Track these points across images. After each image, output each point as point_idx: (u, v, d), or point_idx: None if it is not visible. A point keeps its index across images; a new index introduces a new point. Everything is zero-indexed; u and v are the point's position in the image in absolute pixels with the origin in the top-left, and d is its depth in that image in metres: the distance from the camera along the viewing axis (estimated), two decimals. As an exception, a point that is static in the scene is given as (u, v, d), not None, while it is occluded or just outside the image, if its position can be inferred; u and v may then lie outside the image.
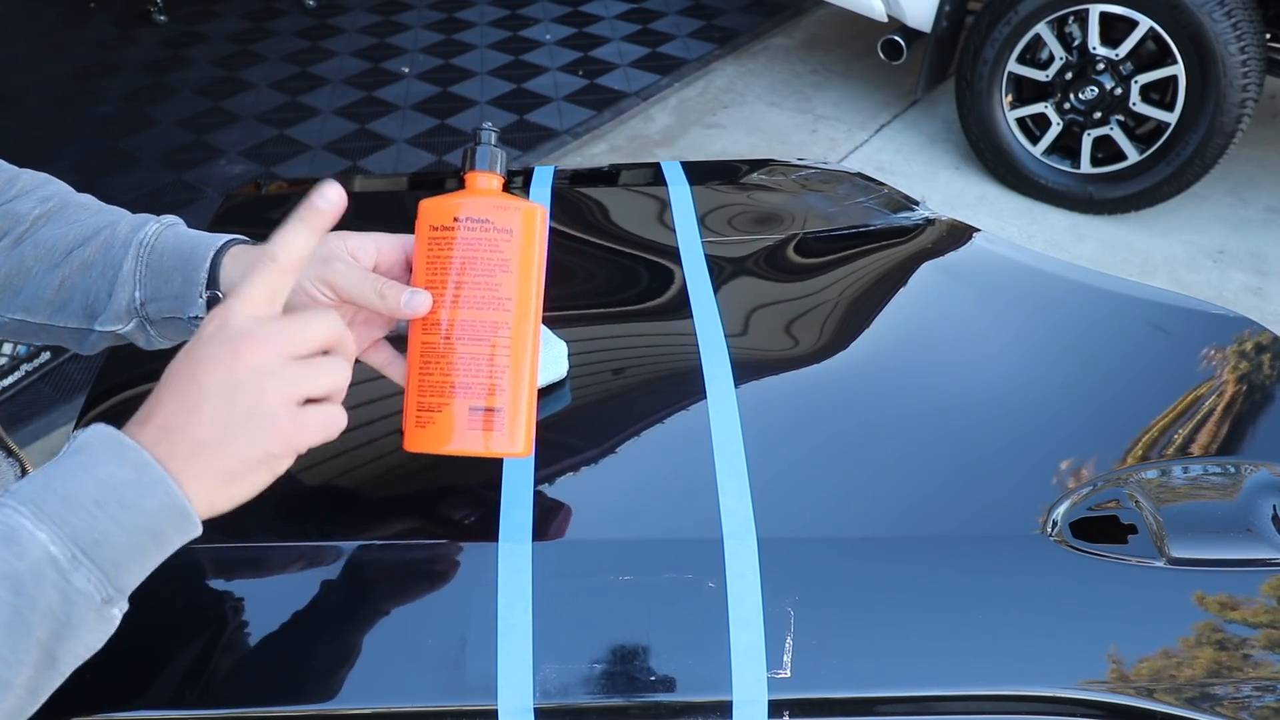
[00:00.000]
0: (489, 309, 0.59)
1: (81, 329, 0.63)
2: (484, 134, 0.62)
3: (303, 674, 0.63)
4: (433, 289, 0.59)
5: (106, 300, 0.62)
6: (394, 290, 0.58)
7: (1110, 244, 2.80)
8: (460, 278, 0.59)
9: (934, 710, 0.64)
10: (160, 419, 0.48)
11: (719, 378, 0.81)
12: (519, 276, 0.60)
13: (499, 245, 0.59)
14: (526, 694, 0.61)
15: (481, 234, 0.59)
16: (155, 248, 0.63)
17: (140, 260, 0.62)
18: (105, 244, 0.63)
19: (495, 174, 0.62)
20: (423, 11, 4.33)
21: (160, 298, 0.62)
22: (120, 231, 0.63)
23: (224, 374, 0.48)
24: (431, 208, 0.60)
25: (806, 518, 0.71)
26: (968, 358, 0.89)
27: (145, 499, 0.46)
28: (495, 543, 0.67)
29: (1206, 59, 2.51)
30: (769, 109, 3.53)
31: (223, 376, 0.48)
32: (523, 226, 0.60)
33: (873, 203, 1.12)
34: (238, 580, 0.68)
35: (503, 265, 0.59)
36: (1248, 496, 0.74)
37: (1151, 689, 0.63)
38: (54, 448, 2.17)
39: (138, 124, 3.41)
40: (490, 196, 0.61)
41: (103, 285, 0.62)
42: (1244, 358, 0.91)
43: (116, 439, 0.47)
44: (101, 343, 0.65)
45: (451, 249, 0.59)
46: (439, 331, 0.59)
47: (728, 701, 0.61)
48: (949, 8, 2.88)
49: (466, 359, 0.59)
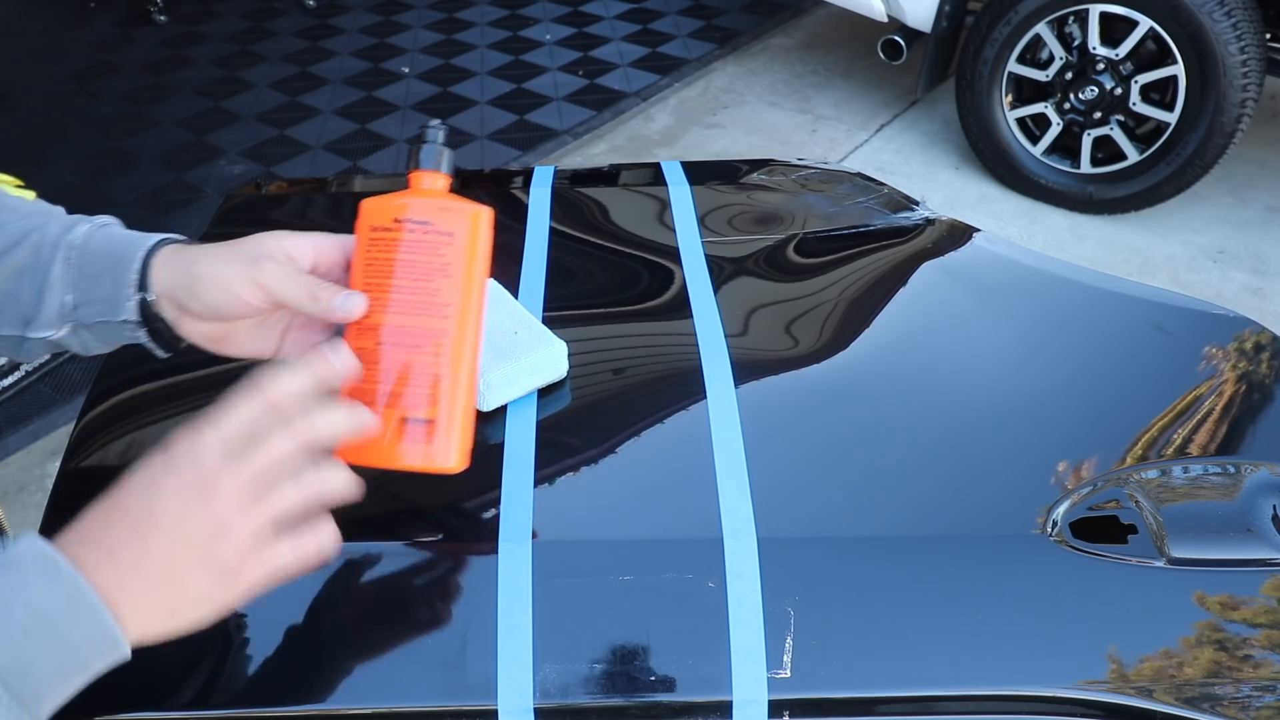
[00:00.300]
0: (428, 315, 0.56)
1: (16, 336, 0.60)
2: (430, 131, 0.59)
3: (303, 674, 0.63)
4: (370, 293, 0.56)
5: (38, 305, 0.59)
6: (327, 292, 0.55)
7: (1110, 244, 2.80)
8: (398, 282, 0.56)
9: (934, 710, 0.64)
10: (107, 544, 0.46)
11: (719, 378, 0.81)
12: (461, 283, 0.57)
13: (440, 249, 0.56)
14: (526, 694, 0.61)
15: (422, 237, 0.56)
16: (86, 249, 0.60)
17: (70, 263, 0.59)
18: (35, 247, 0.59)
19: (441, 173, 0.59)
20: (423, 11, 4.33)
21: (91, 301, 0.59)
22: (50, 233, 0.60)
23: (188, 513, 0.46)
24: (372, 208, 0.58)
25: (806, 518, 0.71)
26: (968, 357, 0.89)
27: (76, 629, 0.43)
28: (495, 543, 0.67)
29: (1206, 59, 2.51)
30: (769, 109, 3.53)
31: (186, 516, 0.46)
32: (467, 230, 0.57)
33: (873, 203, 1.12)
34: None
35: (443, 270, 0.56)
36: (1248, 496, 0.74)
37: (1151, 689, 0.63)
38: (54, 448, 2.17)
39: (138, 124, 3.41)
40: (433, 198, 0.58)
41: (33, 290, 0.59)
42: (1244, 358, 0.91)
43: (52, 560, 0.44)
44: (39, 350, 0.62)
45: (390, 252, 0.56)
46: (375, 338, 0.56)
47: (728, 701, 0.61)
48: (949, 8, 2.88)
49: (402, 368, 0.56)
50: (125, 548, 0.45)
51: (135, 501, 0.47)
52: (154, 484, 0.47)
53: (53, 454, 2.16)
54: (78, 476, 0.76)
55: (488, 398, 0.76)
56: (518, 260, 0.97)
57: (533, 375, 0.78)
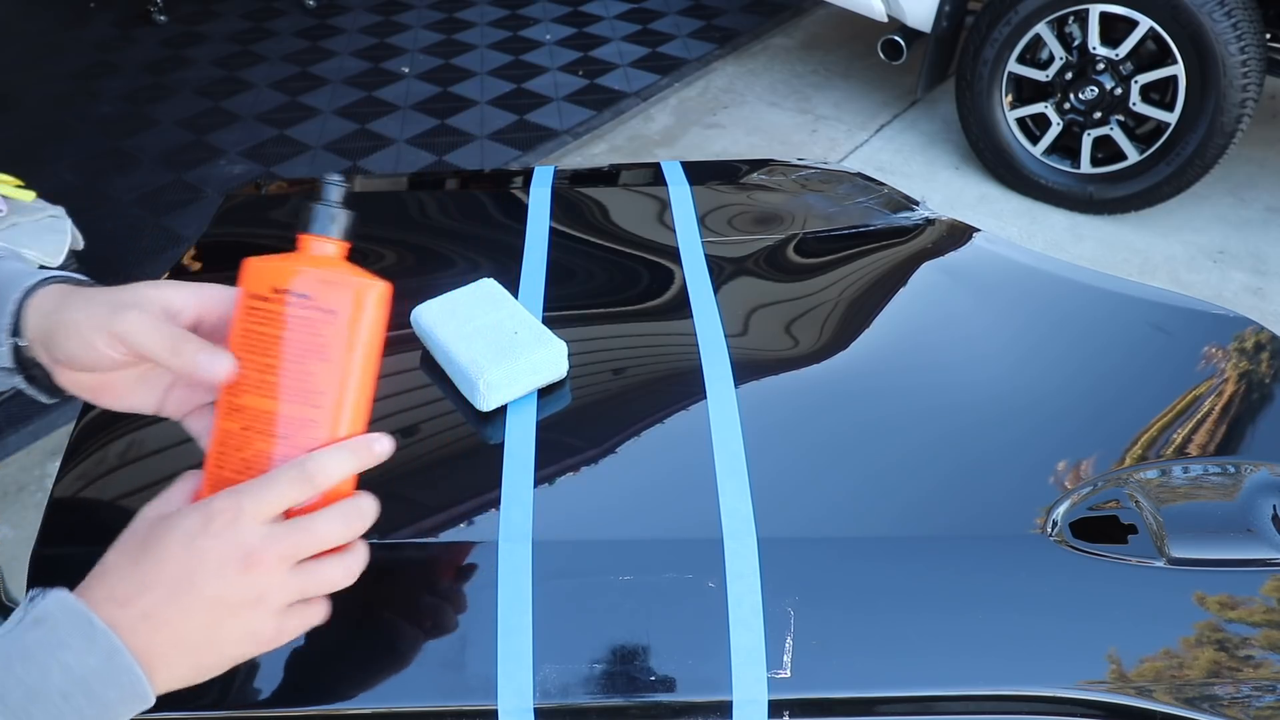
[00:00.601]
0: (297, 403, 0.50)
1: None
2: (328, 188, 0.53)
3: (303, 674, 0.63)
4: (242, 368, 0.51)
5: None
6: (191, 347, 0.50)
7: (1110, 244, 2.80)
8: (269, 361, 0.50)
9: (934, 710, 0.64)
10: (143, 607, 0.46)
11: (719, 378, 0.81)
12: (339, 368, 0.50)
13: (318, 328, 0.50)
14: (526, 694, 0.61)
15: (300, 311, 0.50)
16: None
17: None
18: None
19: (333, 239, 0.52)
20: (423, 11, 4.34)
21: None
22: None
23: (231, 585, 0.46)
24: (253, 271, 0.51)
25: (806, 518, 0.71)
26: (968, 357, 0.89)
27: (111, 689, 0.44)
28: (495, 543, 0.67)
29: (1206, 59, 2.51)
30: (769, 109, 3.53)
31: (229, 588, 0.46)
32: (352, 307, 0.50)
33: (873, 203, 1.12)
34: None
35: (320, 352, 0.50)
36: (1248, 496, 0.74)
37: (1151, 689, 0.63)
38: (54, 448, 2.17)
39: (138, 124, 3.41)
40: (319, 268, 0.51)
41: None
42: (1244, 358, 0.91)
43: (85, 618, 0.44)
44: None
45: (266, 325, 0.50)
46: (239, 420, 0.51)
47: (728, 701, 0.61)
48: (949, 8, 2.88)
49: (263, 458, 0.50)
50: (163, 614, 0.46)
51: (174, 565, 0.46)
52: (194, 550, 0.47)
53: (53, 454, 2.16)
54: (78, 477, 0.76)
55: (488, 398, 0.76)
56: (518, 260, 0.97)
57: (533, 375, 0.78)
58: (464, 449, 0.77)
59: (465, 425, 0.78)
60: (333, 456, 0.50)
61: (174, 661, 0.46)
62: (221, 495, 0.48)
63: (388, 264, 1.00)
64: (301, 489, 0.49)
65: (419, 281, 0.93)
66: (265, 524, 0.48)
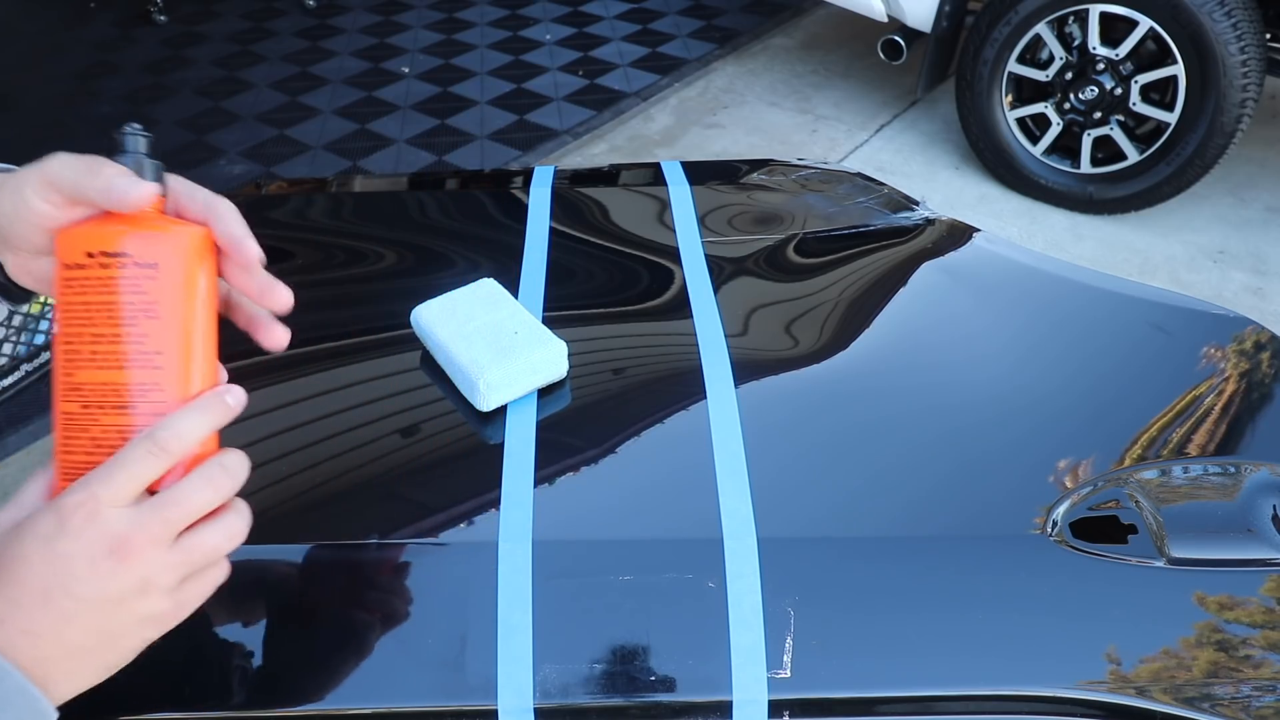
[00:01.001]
0: (135, 368, 0.47)
1: None
2: (126, 139, 0.49)
3: (303, 674, 0.63)
4: (70, 344, 0.47)
5: None
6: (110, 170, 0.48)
7: (1110, 244, 2.80)
8: (97, 330, 0.47)
9: (934, 710, 0.64)
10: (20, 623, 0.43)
11: (719, 378, 0.81)
12: (173, 323, 0.47)
13: (142, 285, 0.47)
14: (526, 694, 0.61)
15: (120, 271, 0.47)
16: None
17: None
18: None
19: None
20: (423, 11, 4.34)
21: None
22: None
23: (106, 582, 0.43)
24: (64, 240, 0.48)
25: (806, 518, 0.71)
26: (968, 357, 0.89)
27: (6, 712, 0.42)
28: (495, 543, 0.67)
29: (1206, 59, 2.51)
30: (769, 109, 3.53)
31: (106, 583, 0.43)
32: (173, 258, 0.47)
33: (873, 203, 1.12)
34: (237, 582, 0.68)
35: (149, 310, 0.47)
36: (1248, 496, 0.74)
37: (1151, 689, 0.63)
38: (54, 448, 2.17)
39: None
40: (131, 224, 0.48)
41: None
42: (1244, 358, 0.91)
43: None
44: None
45: (85, 293, 0.47)
46: (79, 398, 0.47)
47: (728, 701, 0.61)
48: (949, 8, 2.88)
49: (112, 434, 0.47)
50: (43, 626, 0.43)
51: (38, 576, 0.43)
52: (55, 554, 0.43)
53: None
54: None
55: (488, 398, 0.76)
56: (518, 260, 0.97)
57: (533, 375, 0.78)
58: (464, 449, 0.77)
59: (465, 425, 0.78)
60: (185, 419, 0.46)
61: (71, 668, 0.44)
62: (73, 489, 0.45)
63: (388, 264, 1.00)
64: (157, 461, 0.45)
65: (419, 281, 0.94)
66: (127, 507, 0.45)
